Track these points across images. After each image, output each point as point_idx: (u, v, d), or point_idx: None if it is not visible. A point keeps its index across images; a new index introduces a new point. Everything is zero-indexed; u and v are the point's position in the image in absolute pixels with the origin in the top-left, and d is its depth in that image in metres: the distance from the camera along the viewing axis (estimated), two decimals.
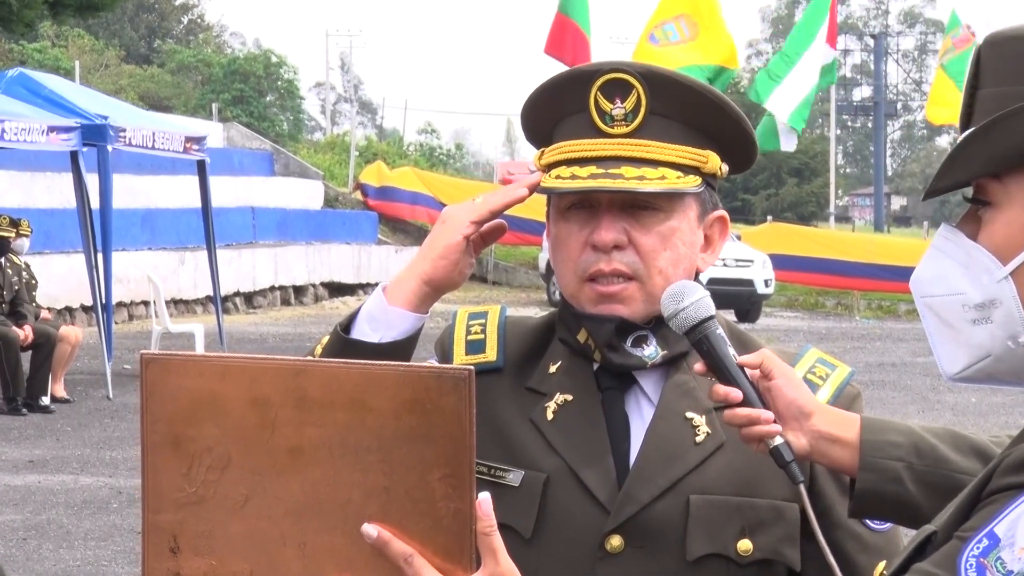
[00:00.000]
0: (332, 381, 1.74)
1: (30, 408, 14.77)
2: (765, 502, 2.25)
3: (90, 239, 15.61)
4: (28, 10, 23.31)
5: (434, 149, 59.20)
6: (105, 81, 50.56)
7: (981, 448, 2.17)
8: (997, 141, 1.70)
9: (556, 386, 2.30)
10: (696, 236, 2.32)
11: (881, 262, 28.57)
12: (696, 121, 2.29)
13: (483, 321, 2.38)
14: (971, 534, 1.62)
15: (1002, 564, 1.59)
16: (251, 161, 32.52)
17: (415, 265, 2.28)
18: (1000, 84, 1.73)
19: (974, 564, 1.60)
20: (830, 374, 2.31)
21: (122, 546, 9.51)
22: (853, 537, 2.27)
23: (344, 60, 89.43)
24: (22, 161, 22.63)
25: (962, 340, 1.75)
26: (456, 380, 1.71)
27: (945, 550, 1.64)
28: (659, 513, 2.22)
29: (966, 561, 1.61)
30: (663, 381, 2.30)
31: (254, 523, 1.78)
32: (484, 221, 2.29)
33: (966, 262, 1.74)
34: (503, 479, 2.26)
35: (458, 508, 1.72)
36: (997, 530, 1.60)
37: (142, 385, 1.82)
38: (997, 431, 11.41)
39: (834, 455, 2.15)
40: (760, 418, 2.13)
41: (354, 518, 1.74)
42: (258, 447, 1.77)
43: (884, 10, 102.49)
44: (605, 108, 2.27)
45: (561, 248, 2.30)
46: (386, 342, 2.24)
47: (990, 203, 1.73)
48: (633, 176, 2.24)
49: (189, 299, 25.32)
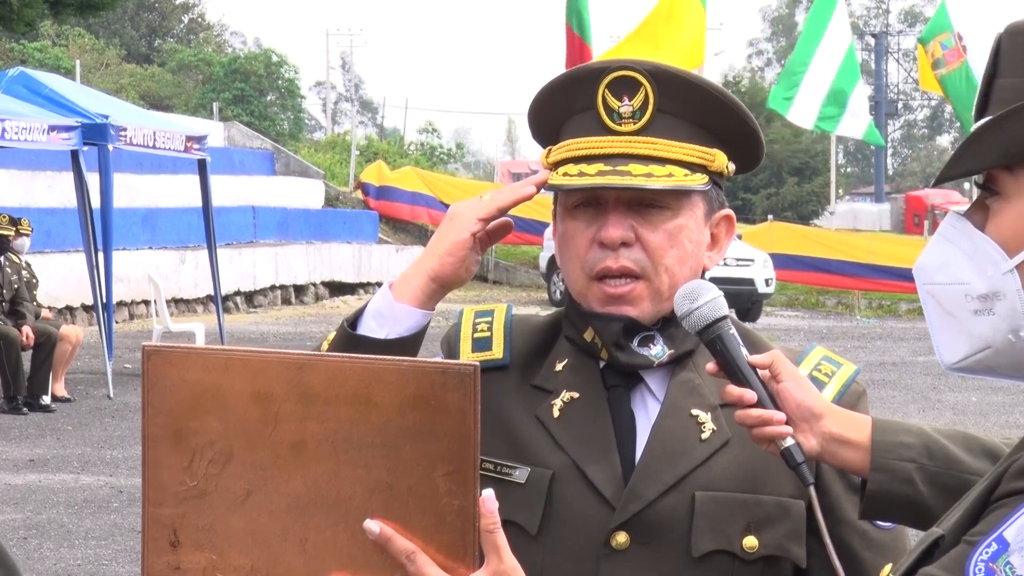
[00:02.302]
0: (335, 376, 1.73)
1: (31, 407, 14.76)
2: (771, 498, 2.25)
3: (91, 238, 15.60)
4: (29, 9, 23.31)
5: (435, 148, 59.21)
6: (106, 80, 50.58)
7: (992, 449, 2.16)
8: (1012, 132, 1.69)
9: (562, 384, 2.30)
10: (703, 234, 2.32)
11: (881, 262, 28.55)
12: (703, 119, 2.29)
13: (489, 319, 2.38)
14: (980, 538, 1.61)
15: (1011, 569, 1.58)
16: (252, 160, 32.51)
17: (422, 262, 2.28)
18: (1018, 75, 1.72)
19: (983, 569, 1.59)
20: (835, 371, 2.31)
21: (123, 545, 9.50)
22: (859, 534, 2.26)
23: (345, 59, 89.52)
24: (23, 160, 22.63)
25: (963, 330, 1.75)
26: (461, 376, 1.70)
27: (953, 554, 1.63)
28: (665, 509, 2.22)
29: (975, 566, 1.60)
30: (669, 379, 2.30)
31: (255, 518, 1.76)
32: (491, 218, 2.29)
33: (972, 252, 1.73)
34: (509, 476, 2.26)
35: (462, 505, 1.71)
36: (1006, 535, 1.60)
37: (144, 377, 1.81)
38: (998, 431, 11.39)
39: (845, 456, 2.14)
40: (772, 419, 2.12)
41: (356, 514, 1.73)
42: (260, 441, 1.76)
43: (885, 9, 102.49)
44: (613, 106, 2.27)
45: (568, 245, 2.30)
46: (392, 338, 2.24)
47: (999, 193, 1.72)
48: (640, 174, 2.24)
49: (190, 298, 25.31)
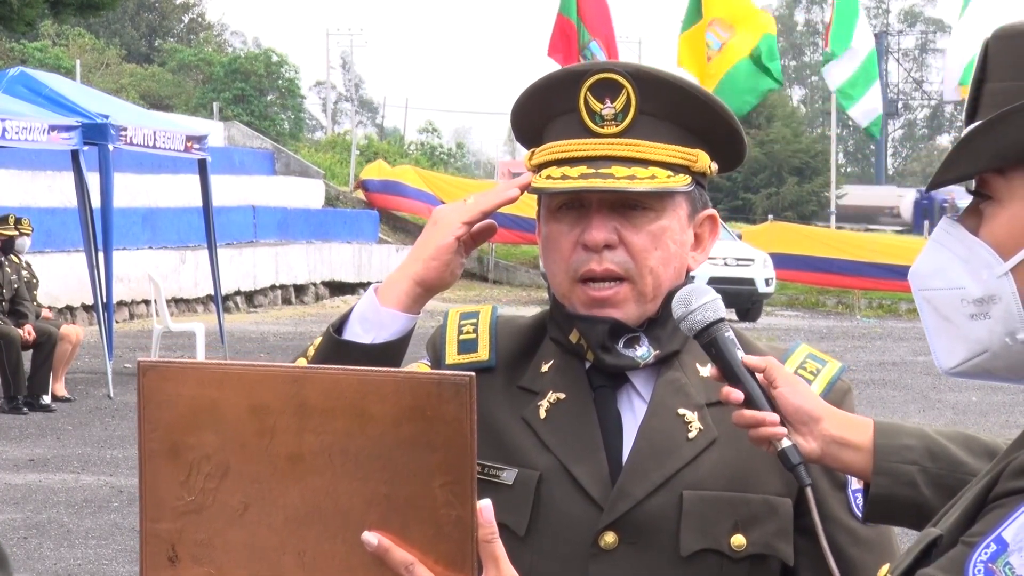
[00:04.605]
0: (332, 388, 1.73)
1: (31, 407, 14.76)
2: (758, 497, 2.25)
3: (91, 238, 15.60)
4: (29, 9, 23.32)
5: (435, 148, 59.19)
6: (106, 80, 50.56)
7: (994, 449, 2.16)
8: (1003, 136, 1.69)
9: (548, 385, 2.31)
10: (686, 235, 2.32)
11: (882, 261, 28.54)
12: (685, 120, 2.29)
13: (475, 321, 2.38)
14: (979, 539, 1.61)
15: (1011, 569, 1.58)
16: (252, 160, 32.51)
17: (407, 266, 2.28)
18: (1008, 79, 1.72)
19: (983, 570, 1.59)
20: (820, 369, 2.32)
21: (123, 545, 9.50)
22: (846, 531, 2.27)
23: (345, 59, 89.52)
24: (23, 160, 22.63)
25: (959, 334, 1.75)
26: (457, 387, 1.70)
27: (952, 555, 1.63)
28: (652, 509, 2.23)
29: (974, 566, 1.60)
30: (655, 379, 2.31)
31: (253, 531, 1.77)
32: (475, 222, 2.29)
33: (966, 256, 1.74)
34: (497, 478, 2.26)
35: (459, 515, 1.71)
36: (1005, 535, 1.60)
37: (139, 392, 1.81)
38: (998, 430, 11.38)
39: (846, 459, 2.14)
40: (766, 420, 2.13)
41: (354, 526, 1.73)
42: (257, 455, 1.76)
43: (885, 9, 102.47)
44: (595, 108, 2.27)
45: (552, 248, 2.31)
46: (378, 343, 2.24)
47: (992, 198, 1.72)
48: (623, 176, 2.24)
49: (190, 298, 25.30)
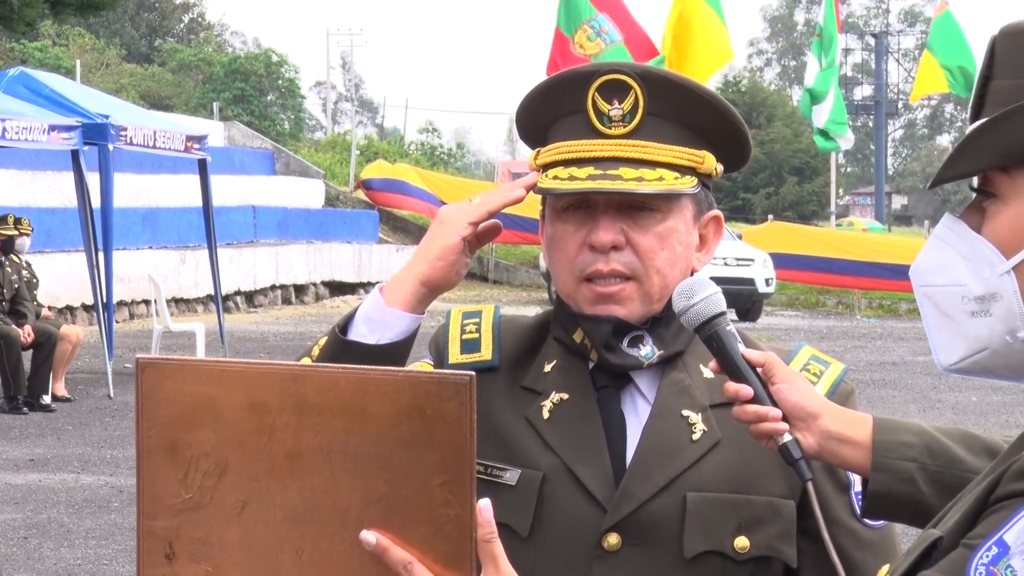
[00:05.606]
0: (331, 386, 1.73)
1: (31, 407, 14.76)
2: (762, 499, 2.25)
3: (91, 238, 15.61)
4: (29, 9, 23.32)
5: (435, 148, 59.21)
6: (106, 80, 50.59)
7: (993, 447, 2.16)
8: (1008, 133, 1.69)
9: (551, 385, 2.30)
10: (692, 236, 2.32)
11: (882, 261, 28.54)
12: (693, 122, 2.29)
13: (477, 320, 2.37)
14: (980, 542, 1.61)
15: (1012, 572, 1.58)
16: (252, 160, 32.52)
17: (412, 266, 2.27)
18: (1013, 76, 1.71)
19: (984, 572, 1.59)
20: (824, 371, 2.32)
21: (123, 545, 9.50)
22: (849, 533, 2.27)
23: (345, 59, 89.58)
24: (23, 160, 22.64)
25: (960, 332, 1.74)
26: (457, 386, 1.70)
27: (953, 557, 1.63)
28: (656, 510, 2.22)
29: (975, 569, 1.59)
30: (659, 379, 2.30)
31: (251, 530, 1.76)
32: (481, 222, 2.28)
33: (968, 254, 1.73)
34: (500, 478, 2.26)
35: (458, 515, 1.70)
36: (1006, 538, 1.59)
37: (138, 390, 1.80)
38: (998, 430, 11.35)
39: (845, 455, 2.14)
40: (768, 415, 2.12)
41: (353, 525, 1.72)
42: (256, 453, 1.75)
43: (885, 9, 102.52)
44: (603, 109, 2.27)
45: (558, 248, 2.30)
46: (384, 343, 2.23)
47: (996, 195, 1.72)
48: (631, 177, 2.24)
49: (190, 298, 25.31)
